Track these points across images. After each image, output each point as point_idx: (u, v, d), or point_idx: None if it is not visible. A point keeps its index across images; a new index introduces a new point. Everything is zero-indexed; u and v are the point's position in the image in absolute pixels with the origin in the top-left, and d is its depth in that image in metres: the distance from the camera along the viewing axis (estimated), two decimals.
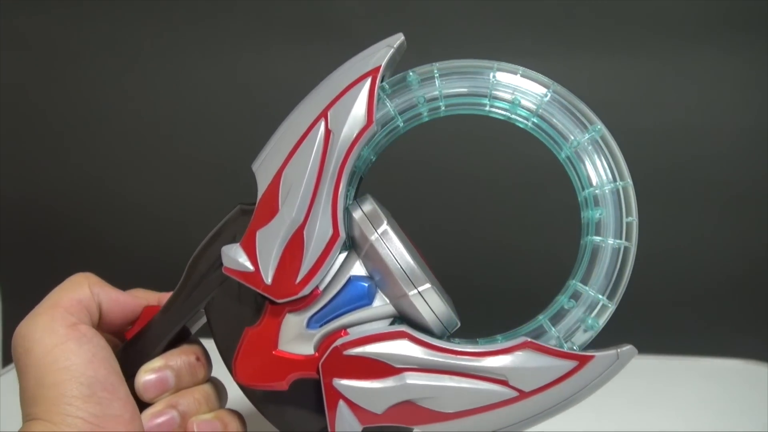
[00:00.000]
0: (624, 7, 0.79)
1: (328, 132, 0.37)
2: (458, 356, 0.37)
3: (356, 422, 0.38)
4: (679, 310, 0.84)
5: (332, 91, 0.38)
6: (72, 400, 0.36)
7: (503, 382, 0.37)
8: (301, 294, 0.38)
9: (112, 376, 0.38)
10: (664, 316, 0.83)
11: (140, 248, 0.88)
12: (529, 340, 0.37)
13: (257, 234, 0.38)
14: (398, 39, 0.38)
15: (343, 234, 0.37)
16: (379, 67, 0.37)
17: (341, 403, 0.38)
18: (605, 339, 0.38)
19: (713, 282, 0.84)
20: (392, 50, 0.38)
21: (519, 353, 0.37)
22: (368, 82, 0.37)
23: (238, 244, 0.38)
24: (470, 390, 0.37)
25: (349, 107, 0.37)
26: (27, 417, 0.36)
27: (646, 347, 0.72)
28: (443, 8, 0.80)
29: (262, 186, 0.38)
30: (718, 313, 0.84)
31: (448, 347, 0.38)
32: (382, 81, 0.38)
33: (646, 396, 0.64)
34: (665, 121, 0.81)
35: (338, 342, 0.38)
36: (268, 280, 0.38)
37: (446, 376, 0.37)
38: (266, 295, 0.38)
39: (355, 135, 0.37)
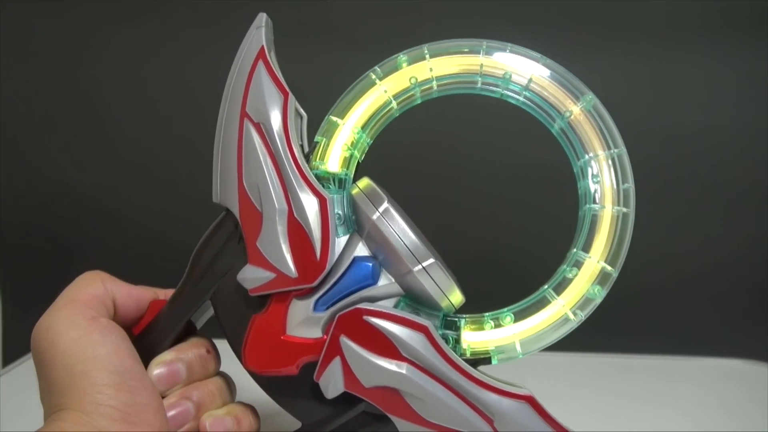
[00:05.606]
0: (624, 7, 0.80)
1: (257, 126, 0.39)
2: (463, 375, 0.38)
3: (341, 383, 0.38)
4: (678, 310, 0.84)
5: (237, 92, 0.39)
6: (103, 388, 0.36)
7: (489, 420, 0.38)
8: (329, 265, 0.38)
9: (138, 366, 0.38)
10: (664, 316, 0.83)
11: (138, 248, 0.88)
12: (534, 397, 0.38)
13: (257, 245, 0.39)
14: (262, 18, 0.40)
15: (328, 195, 0.38)
16: (262, 46, 0.39)
17: (337, 359, 0.38)
18: (605, 339, 0.38)
19: (713, 282, 0.84)
20: (263, 29, 0.40)
21: (517, 403, 0.38)
22: (261, 63, 0.39)
23: (248, 264, 0.39)
24: (456, 410, 0.38)
25: (261, 94, 0.39)
26: (55, 408, 0.36)
27: (646, 347, 0.72)
28: (443, 9, 0.81)
29: (234, 207, 0.39)
30: (718, 313, 0.84)
31: (458, 363, 0.38)
32: (269, 55, 0.39)
33: (646, 396, 0.64)
34: (665, 121, 0.81)
35: (364, 305, 0.38)
36: (294, 274, 0.38)
37: (441, 387, 0.38)
38: (301, 287, 0.38)
39: (281, 113, 0.39)
